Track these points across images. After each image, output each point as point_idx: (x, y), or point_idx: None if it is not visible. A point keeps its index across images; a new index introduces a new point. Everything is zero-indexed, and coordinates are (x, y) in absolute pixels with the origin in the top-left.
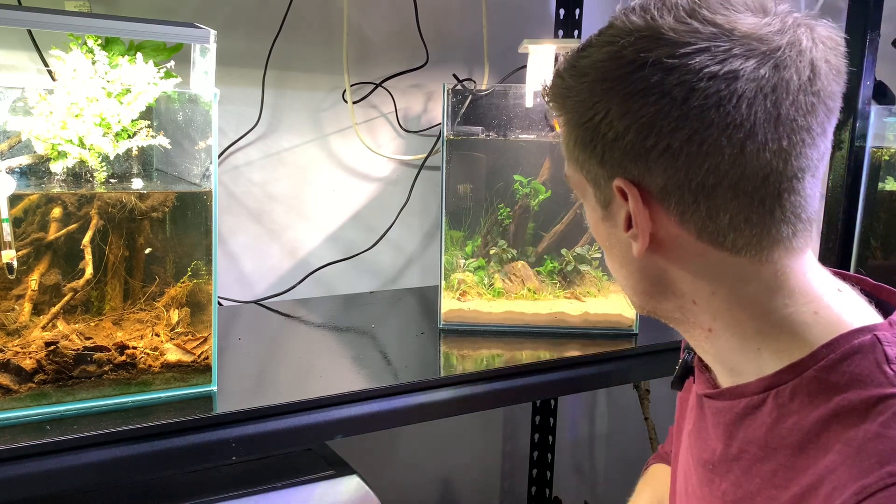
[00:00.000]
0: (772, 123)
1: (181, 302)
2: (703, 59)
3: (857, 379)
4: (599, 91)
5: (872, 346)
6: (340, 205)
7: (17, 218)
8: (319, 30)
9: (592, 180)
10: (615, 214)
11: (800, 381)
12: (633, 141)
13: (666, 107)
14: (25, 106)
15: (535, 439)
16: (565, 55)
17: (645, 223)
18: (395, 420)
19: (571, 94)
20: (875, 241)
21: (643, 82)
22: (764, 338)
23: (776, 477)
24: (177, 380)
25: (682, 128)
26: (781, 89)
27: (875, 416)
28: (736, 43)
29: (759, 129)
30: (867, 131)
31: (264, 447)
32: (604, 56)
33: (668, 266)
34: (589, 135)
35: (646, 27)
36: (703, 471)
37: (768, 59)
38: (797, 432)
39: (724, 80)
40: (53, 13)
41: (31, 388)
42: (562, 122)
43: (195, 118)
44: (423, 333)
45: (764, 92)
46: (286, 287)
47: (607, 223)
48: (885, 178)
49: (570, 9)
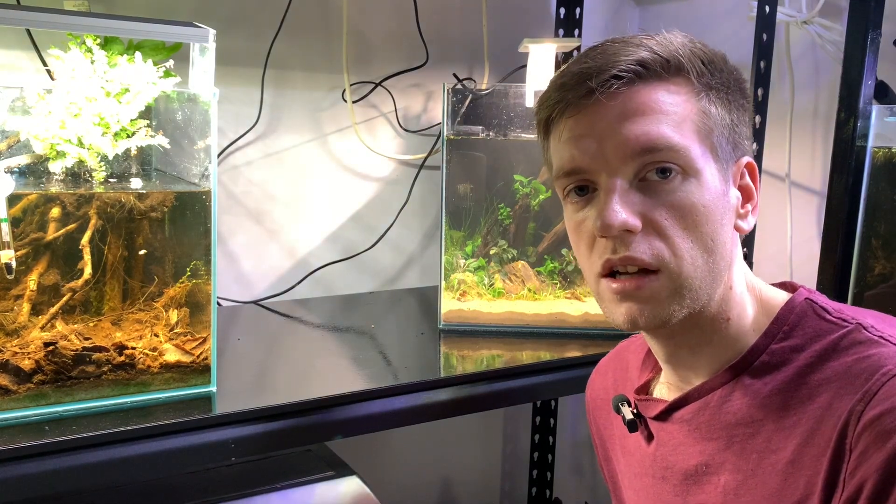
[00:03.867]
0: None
1: (180, 302)
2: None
3: (812, 336)
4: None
5: (811, 307)
6: (340, 205)
7: (16, 218)
8: (319, 29)
9: (726, 157)
10: (731, 191)
11: (765, 357)
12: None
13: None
14: (24, 105)
15: (536, 440)
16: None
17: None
18: (395, 420)
19: (732, 76)
20: (876, 241)
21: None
22: (759, 316)
23: (771, 443)
24: (176, 380)
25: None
26: None
27: (844, 350)
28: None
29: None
30: (868, 131)
31: (264, 448)
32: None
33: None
34: (744, 114)
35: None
36: (692, 484)
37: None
38: (776, 397)
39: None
40: (52, 12)
41: (30, 389)
42: (702, 96)
43: (194, 118)
44: (423, 333)
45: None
46: (286, 287)
47: (725, 199)
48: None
49: (571, 8)
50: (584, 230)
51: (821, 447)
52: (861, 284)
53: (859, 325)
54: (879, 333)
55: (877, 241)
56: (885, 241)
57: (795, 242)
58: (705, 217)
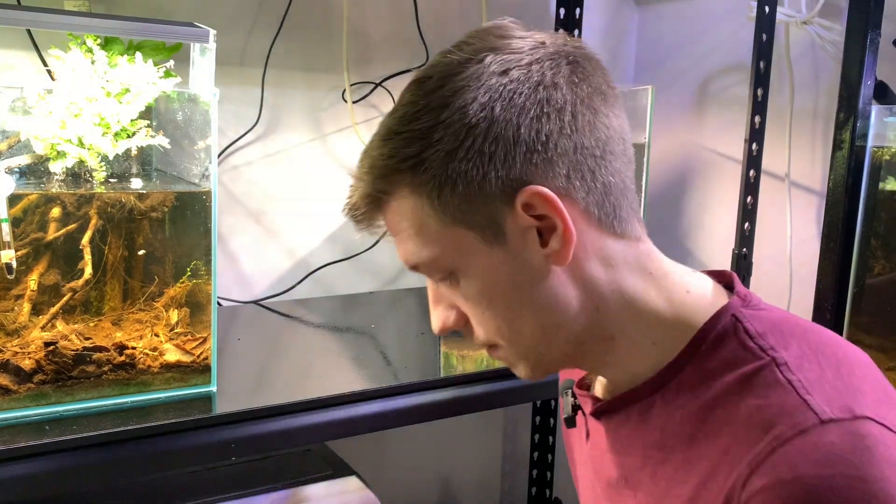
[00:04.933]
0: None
1: (180, 302)
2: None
3: (728, 362)
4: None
5: (734, 327)
6: (340, 205)
7: (17, 218)
8: (319, 29)
9: (481, 222)
10: (517, 245)
11: (682, 376)
12: (526, 141)
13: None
14: (24, 105)
15: (536, 440)
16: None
17: (566, 223)
18: (395, 420)
19: (434, 133)
20: (876, 241)
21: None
22: (656, 328)
23: (677, 473)
24: (176, 380)
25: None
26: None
27: (751, 390)
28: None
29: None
30: (868, 131)
31: (264, 447)
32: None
33: (577, 273)
34: (471, 164)
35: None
36: (614, 493)
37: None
38: (686, 425)
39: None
40: (52, 13)
41: (31, 389)
42: (408, 191)
43: (195, 118)
44: (423, 333)
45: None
46: (286, 287)
47: (510, 264)
48: (886, 178)
49: (571, 8)
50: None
51: (714, 494)
52: (860, 284)
53: (773, 361)
54: (790, 376)
55: (876, 241)
56: (884, 242)
57: (795, 242)
58: (490, 303)
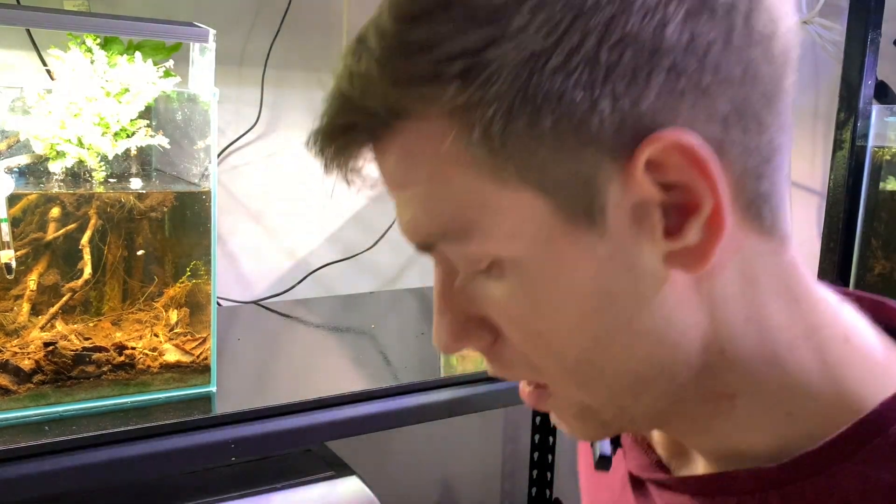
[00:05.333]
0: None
1: (180, 302)
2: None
3: (879, 462)
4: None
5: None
6: (340, 205)
7: (16, 218)
8: (319, 29)
9: (565, 183)
10: (620, 230)
11: (833, 473)
12: (674, 50)
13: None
14: (24, 105)
15: (536, 440)
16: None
17: (719, 200)
18: (394, 421)
19: (516, 15)
20: (876, 241)
21: None
22: (798, 393)
23: None
24: (176, 380)
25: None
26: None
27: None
28: None
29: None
30: (868, 131)
31: (263, 448)
32: None
33: (706, 289)
34: (573, 79)
35: None
36: None
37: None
38: None
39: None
40: (52, 12)
41: (30, 389)
42: (443, 115)
43: (194, 118)
44: (423, 334)
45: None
46: (286, 287)
47: (603, 259)
48: (887, 178)
49: None
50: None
51: None
52: (861, 284)
53: None
54: None
55: (877, 241)
56: (885, 242)
57: (795, 242)
58: (553, 321)
